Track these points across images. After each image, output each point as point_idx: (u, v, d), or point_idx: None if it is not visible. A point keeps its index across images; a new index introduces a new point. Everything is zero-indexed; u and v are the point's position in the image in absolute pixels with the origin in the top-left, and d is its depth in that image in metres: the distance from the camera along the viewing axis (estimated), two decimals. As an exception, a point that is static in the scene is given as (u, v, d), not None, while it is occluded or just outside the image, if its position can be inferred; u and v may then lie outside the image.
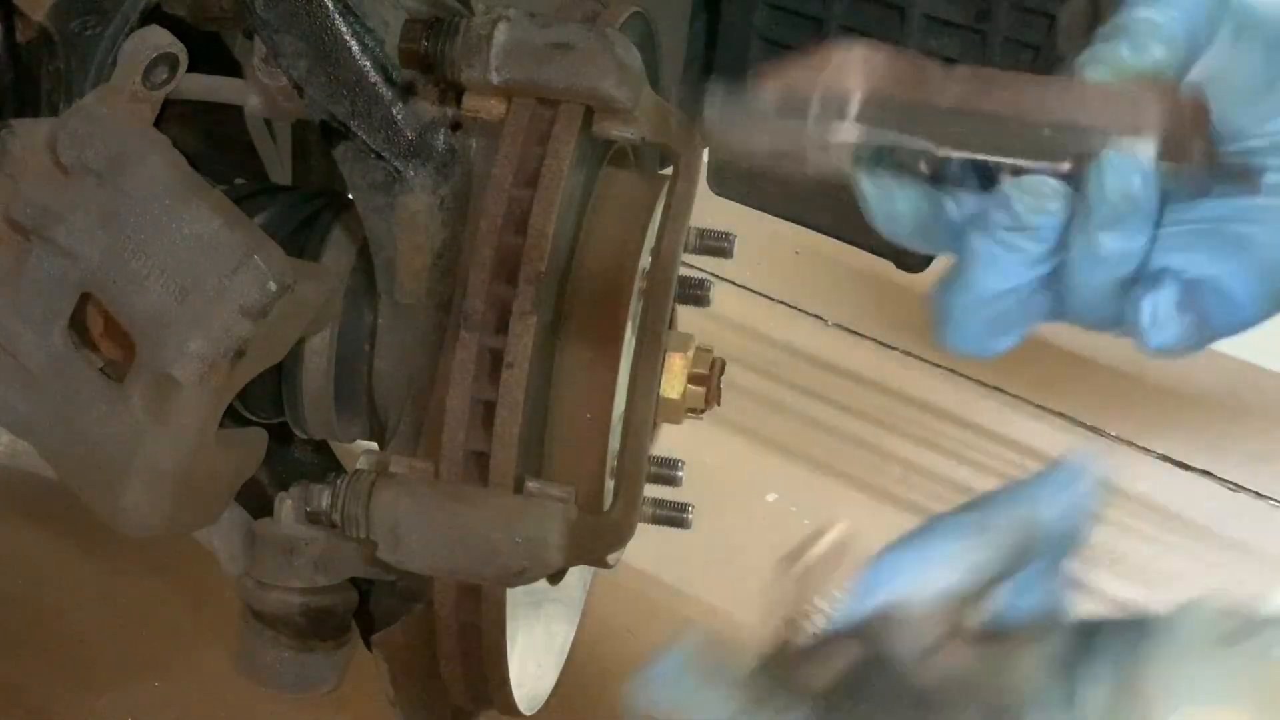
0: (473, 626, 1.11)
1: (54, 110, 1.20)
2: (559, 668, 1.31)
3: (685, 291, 1.18)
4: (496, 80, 1.07)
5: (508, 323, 1.04)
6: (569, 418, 1.12)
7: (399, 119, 1.11)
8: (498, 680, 1.15)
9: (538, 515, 1.03)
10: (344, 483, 1.05)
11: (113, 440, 1.08)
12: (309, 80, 1.12)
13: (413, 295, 1.12)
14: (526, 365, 1.04)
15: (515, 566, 1.03)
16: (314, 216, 1.22)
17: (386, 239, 1.12)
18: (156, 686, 1.84)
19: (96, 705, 1.81)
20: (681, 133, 1.17)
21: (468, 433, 1.05)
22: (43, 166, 1.09)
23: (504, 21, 1.07)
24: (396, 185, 1.11)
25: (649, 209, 1.16)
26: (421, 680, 1.16)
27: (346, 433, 1.23)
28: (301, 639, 1.17)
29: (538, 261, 1.04)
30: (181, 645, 1.87)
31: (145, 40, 1.17)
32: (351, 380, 1.18)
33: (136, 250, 1.06)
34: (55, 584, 1.97)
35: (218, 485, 1.14)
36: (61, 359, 1.09)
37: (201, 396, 1.06)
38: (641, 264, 1.13)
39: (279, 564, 1.14)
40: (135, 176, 1.07)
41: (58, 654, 1.87)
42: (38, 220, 1.08)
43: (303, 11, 1.11)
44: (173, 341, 1.05)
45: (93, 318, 1.11)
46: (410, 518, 1.03)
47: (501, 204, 1.06)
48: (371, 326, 1.17)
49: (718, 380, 1.20)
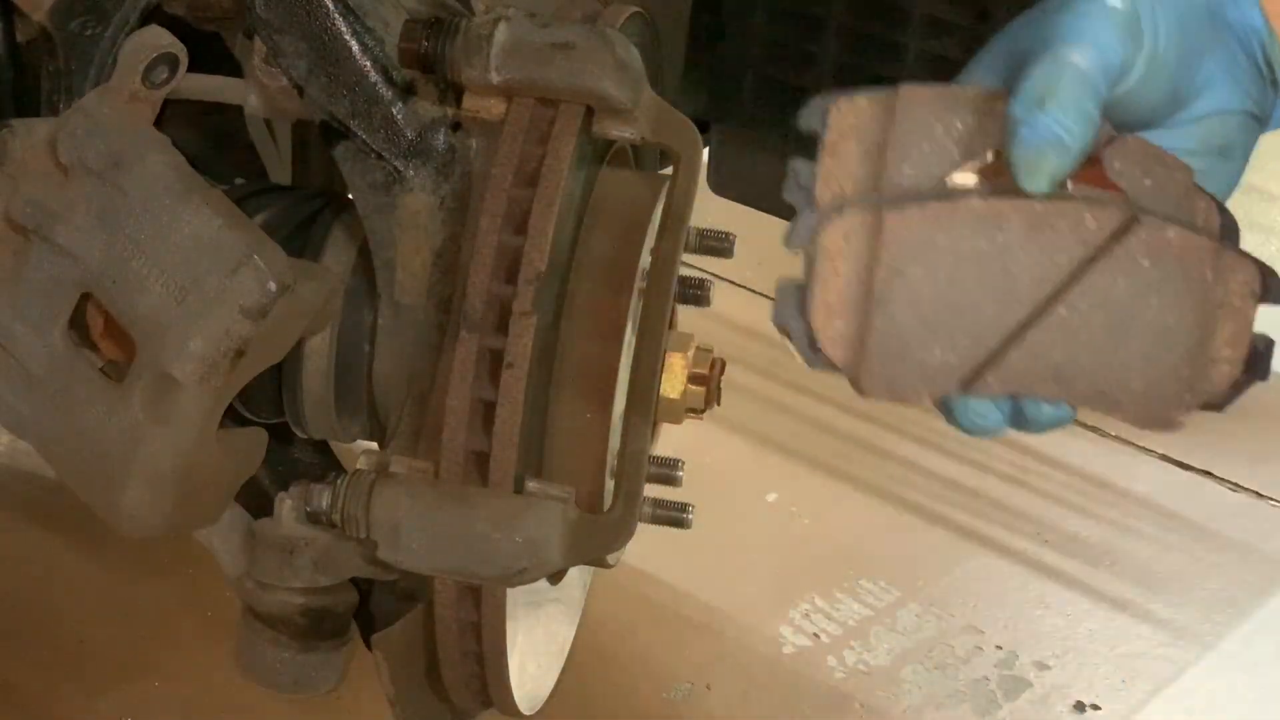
0: (473, 626, 1.11)
1: (54, 110, 1.20)
2: (559, 668, 1.31)
3: (685, 291, 1.18)
4: (496, 80, 1.07)
5: (508, 323, 1.04)
6: (569, 418, 1.12)
7: (399, 119, 1.11)
8: (498, 680, 1.15)
9: (538, 515, 1.03)
10: (344, 483, 1.05)
11: (113, 440, 1.08)
12: (309, 80, 1.12)
13: (413, 295, 1.12)
14: (526, 365, 1.04)
15: (515, 566, 1.03)
16: (314, 216, 1.22)
17: (386, 239, 1.12)
18: (156, 686, 1.84)
19: (96, 705, 1.81)
20: (681, 132, 1.17)
21: (468, 433, 1.05)
22: (43, 166, 1.09)
23: (504, 21, 1.07)
24: (396, 185, 1.11)
25: (649, 209, 1.16)
26: (421, 680, 1.16)
27: (346, 433, 1.23)
28: (301, 639, 1.17)
29: (538, 261, 1.04)
30: (181, 645, 1.87)
31: (145, 40, 1.17)
32: (351, 380, 1.18)
33: (136, 250, 1.06)
34: (55, 584, 1.97)
35: (218, 485, 1.14)
36: (61, 359, 1.09)
37: (201, 396, 1.06)
38: (641, 264, 1.13)
39: (279, 564, 1.14)
40: (135, 176, 1.07)
41: (58, 654, 1.87)
42: (38, 220, 1.08)
43: (303, 11, 1.11)
44: (173, 341, 1.05)
45: (93, 318, 1.11)
46: (410, 518, 1.03)
47: (501, 204, 1.06)
48: (371, 326, 1.17)
49: (718, 380, 1.20)
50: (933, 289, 0.82)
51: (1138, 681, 2.06)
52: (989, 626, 2.12)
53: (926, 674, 2.03)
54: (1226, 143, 0.87)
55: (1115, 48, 0.81)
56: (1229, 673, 2.09)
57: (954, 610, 2.15)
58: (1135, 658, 2.10)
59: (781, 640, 2.05)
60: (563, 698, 1.29)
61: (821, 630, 2.08)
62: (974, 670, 2.05)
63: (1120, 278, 0.83)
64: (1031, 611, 2.16)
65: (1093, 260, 0.82)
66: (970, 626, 2.12)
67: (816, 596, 2.12)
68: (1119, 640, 2.13)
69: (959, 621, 2.13)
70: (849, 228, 0.83)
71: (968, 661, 2.06)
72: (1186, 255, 0.83)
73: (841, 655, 2.04)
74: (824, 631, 2.08)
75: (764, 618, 2.08)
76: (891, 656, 2.05)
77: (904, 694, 1.99)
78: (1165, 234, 0.83)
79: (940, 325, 0.83)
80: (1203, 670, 2.09)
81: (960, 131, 0.85)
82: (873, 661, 2.03)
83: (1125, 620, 2.17)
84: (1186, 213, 0.85)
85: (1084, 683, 2.05)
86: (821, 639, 2.07)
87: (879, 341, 0.83)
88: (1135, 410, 0.85)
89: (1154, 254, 0.83)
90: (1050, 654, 2.09)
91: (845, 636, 2.08)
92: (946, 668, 2.05)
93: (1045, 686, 2.03)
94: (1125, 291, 0.83)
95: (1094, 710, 2.00)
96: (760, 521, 2.22)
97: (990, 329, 0.83)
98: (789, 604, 2.10)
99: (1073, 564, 2.26)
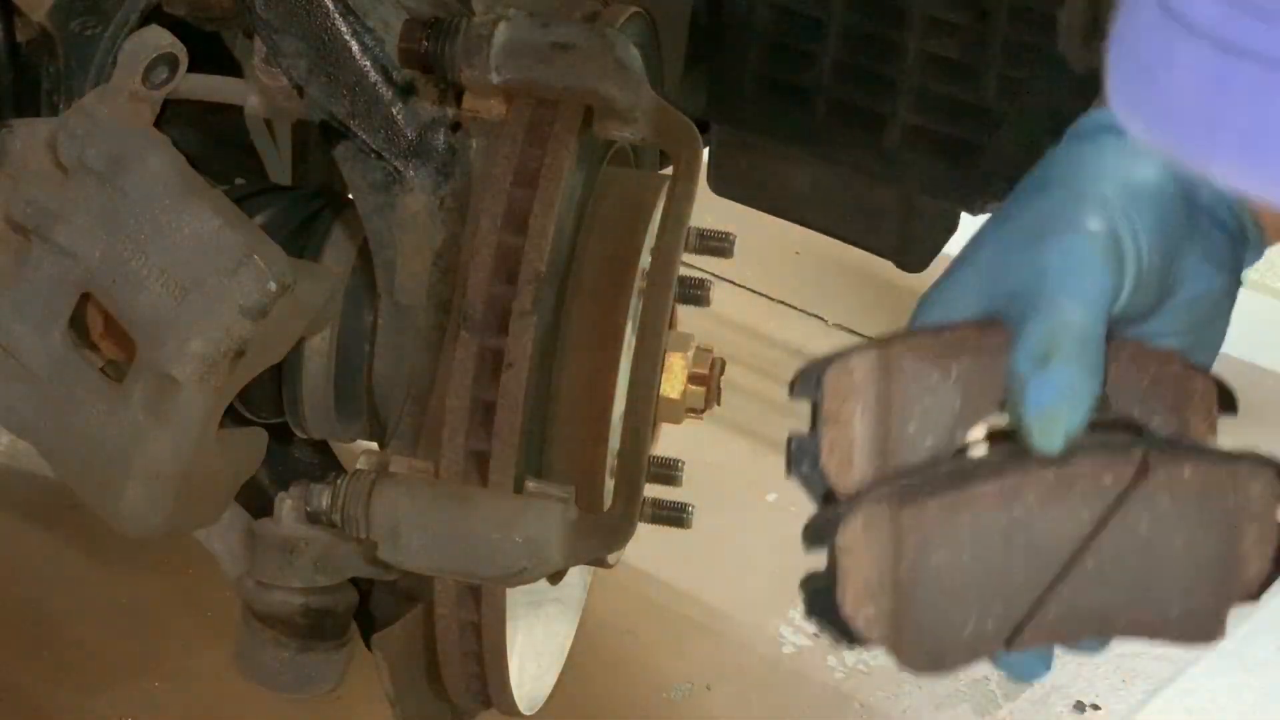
0: (473, 626, 1.11)
1: (54, 110, 1.20)
2: (559, 668, 1.31)
3: (685, 291, 1.18)
4: (496, 80, 1.07)
5: (508, 323, 1.04)
6: (569, 418, 1.12)
7: (399, 119, 1.11)
8: (498, 680, 1.15)
9: (538, 515, 1.03)
10: (344, 483, 1.05)
11: (113, 440, 1.08)
12: (309, 80, 1.12)
13: (413, 295, 1.12)
14: (526, 365, 1.04)
15: (515, 566, 1.03)
16: (314, 216, 1.22)
17: (386, 239, 1.12)
18: (156, 686, 1.84)
19: (96, 705, 1.81)
20: (681, 132, 1.17)
21: (468, 433, 1.05)
22: (43, 166, 1.09)
23: (504, 21, 1.07)
24: (396, 185, 1.11)
25: (649, 209, 1.16)
26: (421, 680, 1.16)
27: (346, 433, 1.23)
28: (301, 639, 1.17)
29: (538, 261, 1.04)
30: (181, 645, 1.87)
31: (145, 40, 1.17)
32: (351, 380, 1.18)
33: (136, 250, 1.06)
34: (55, 584, 1.97)
35: (218, 485, 1.14)
36: (61, 359, 1.09)
37: (201, 396, 1.06)
38: (641, 264, 1.13)
39: (279, 564, 1.14)
40: (135, 176, 1.07)
41: (58, 654, 1.87)
42: (38, 220, 1.08)
43: (303, 11, 1.11)
44: (173, 341, 1.05)
45: (93, 318, 1.11)
46: (410, 518, 1.03)
47: (501, 204, 1.06)
48: (371, 326, 1.17)
49: (718, 380, 1.20)
50: (959, 567, 0.83)
51: (1138, 681, 2.06)
52: (989, 626, 2.12)
53: (926, 674, 2.03)
54: (1213, 314, 0.87)
55: (1107, 284, 0.80)
56: (1229, 673, 2.08)
57: (954, 610, 2.14)
58: (1135, 658, 2.09)
59: (781, 640, 2.05)
60: (563, 698, 1.29)
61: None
62: (974, 670, 2.04)
63: (1143, 520, 0.83)
64: (1031, 611, 2.16)
65: (1113, 511, 0.83)
66: (970, 626, 2.12)
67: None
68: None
69: (959, 621, 2.12)
70: (867, 524, 0.82)
71: (968, 661, 2.06)
72: (1205, 487, 0.84)
73: (841, 655, 2.04)
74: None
75: (764, 618, 2.07)
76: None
77: (904, 694, 1.99)
78: (1181, 472, 0.83)
79: (972, 598, 0.83)
80: (1203, 670, 2.08)
81: (959, 374, 0.83)
82: (873, 661, 2.03)
83: (1125, 620, 2.16)
84: (1185, 396, 0.87)
85: (1084, 683, 2.04)
86: (821, 639, 2.07)
87: (913, 620, 0.83)
88: (1176, 633, 0.87)
89: (1173, 493, 0.83)
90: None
91: (845, 636, 2.07)
92: (946, 668, 2.04)
93: (1045, 686, 2.03)
94: (1149, 531, 0.83)
95: (1094, 710, 2.00)
96: (760, 521, 2.22)
97: (1022, 589, 0.84)
98: (789, 604, 2.10)
99: (1073, 564, 2.25)
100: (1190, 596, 0.85)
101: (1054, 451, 0.80)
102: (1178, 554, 0.84)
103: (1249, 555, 0.85)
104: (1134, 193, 0.81)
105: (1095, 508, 0.83)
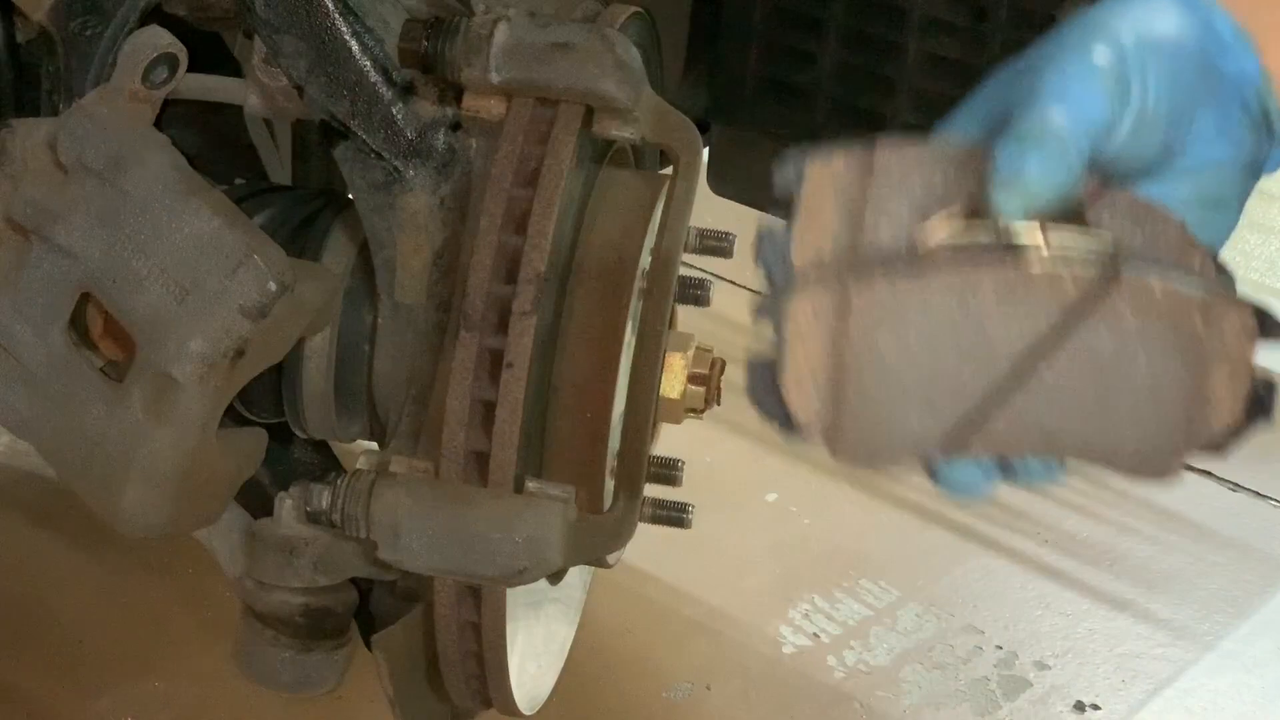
0: (473, 626, 1.11)
1: (54, 110, 1.20)
2: (559, 668, 1.31)
3: (685, 291, 1.18)
4: (496, 80, 1.07)
5: (508, 323, 1.04)
6: (569, 418, 1.12)
7: (399, 119, 1.11)
8: (498, 680, 1.15)
9: (538, 515, 1.03)
10: (344, 483, 1.05)
11: (113, 440, 1.08)
12: (309, 80, 1.12)
13: (413, 295, 1.12)
14: (526, 365, 1.04)
15: (515, 566, 1.03)
16: (314, 216, 1.22)
17: (386, 239, 1.12)
18: (156, 686, 1.84)
19: (96, 705, 1.81)
20: (681, 132, 1.17)
21: (468, 433, 1.05)
22: (43, 166, 1.09)
23: (504, 21, 1.07)
24: (396, 185, 1.11)
25: (649, 209, 1.16)
26: (421, 680, 1.16)
27: (346, 433, 1.23)
28: (301, 639, 1.17)
29: (538, 261, 1.04)
30: (181, 645, 1.87)
31: (145, 40, 1.17)
32: (351, 380, 1.18)
33: (136, 250, 1.06)
34: (55, 584, 1.97)
35: (218, 485, 1.14)
36: (61, 359, 1.09)
37: (201, 396, 1.06)
38: (641, 264, 1.13)
39: (279, 564, 1.14)
40: (135, 176, 1.07)
41: (58, 654, 1.87)
42: (38, 220, 1.08)
43: (303, 11, 1.11)
44: (173, 341, 1.05)
45: (93, 318, 1.11)
46: (410, 518, 1.03)
47: (501, 204, 1.06)
48: (371, 326, 1.17)
49: (718, 380, 1.20)
50: (906, 357, 0.80)
51: (1138, 681, 2.06)
52: (989, 626, 2.12)
53: (926, 674, 2.04)
54: (1220, 194, 0.85)
55: (1099, 106, 0.80)
56: (1229, 672, 2.09)
57: (954, 610, 2.15)
58: (1135, 658, 2.10)
59: (781, 640, 2.05)
60: (563, 698, 1.29)
61: (821, 630, 2.09)
62: (974, 670, 2.05)
63: (1105, 336, 0.80)
64: (1031, 611, 2.17)
65: (1075, 320, 0.79)
66: (970, 626, 2.12)
67: (816, 596, 2.12)
68: (1119, 640, 2.13)
69: (959, 621, 2.13)
70: (816, 303, 0.80)
71: (968, 661, 2.06)
72: (1174, 308, 0.80)
73: (841, 655, 2.04)
74: (824, 631, 2.08)
75: (764, 618, 2.08)
76: (891, 656, 2.06)
77: (904, 694, 1.99)
78: (1149, 287, 0.80)
79: (916, 391, 0.80)
80: (1203, 670, 2.09)
81: (939, 188, 0.81)
82: (873, 661, 2.03)
83: (1125, 620, 2.17)
84: (1181, 266, 0.82)
85: (1084, 683, 2.05)
86: (821, 639, 2.07)
87: (853, 411, 0.81)
88: (1129, 464, 0.83)
89: (1139, 309, 0.80)
90: (1050, 654, 2.09)
91: (845, 636, 2.08)
92: (946, 668, 2.05)
93: (1045, 686, 2.03)
94: (1111, 349, 0.80)
95: (1094, 710, 2.01)
96: (760, 521, 2.22)
97: (970, 392, 0.80)
98: (789, 604, 2.10)
99: (1073, 564, 2.26)
100: (1148, 429, 0.81)
101: (1012, 213, 0.78)
102: (1139, 380, 0.81)
103: (1217, 398, 0.81)
104: (1150, 41, 0.81)
105: (1055, 315, 0.79)
